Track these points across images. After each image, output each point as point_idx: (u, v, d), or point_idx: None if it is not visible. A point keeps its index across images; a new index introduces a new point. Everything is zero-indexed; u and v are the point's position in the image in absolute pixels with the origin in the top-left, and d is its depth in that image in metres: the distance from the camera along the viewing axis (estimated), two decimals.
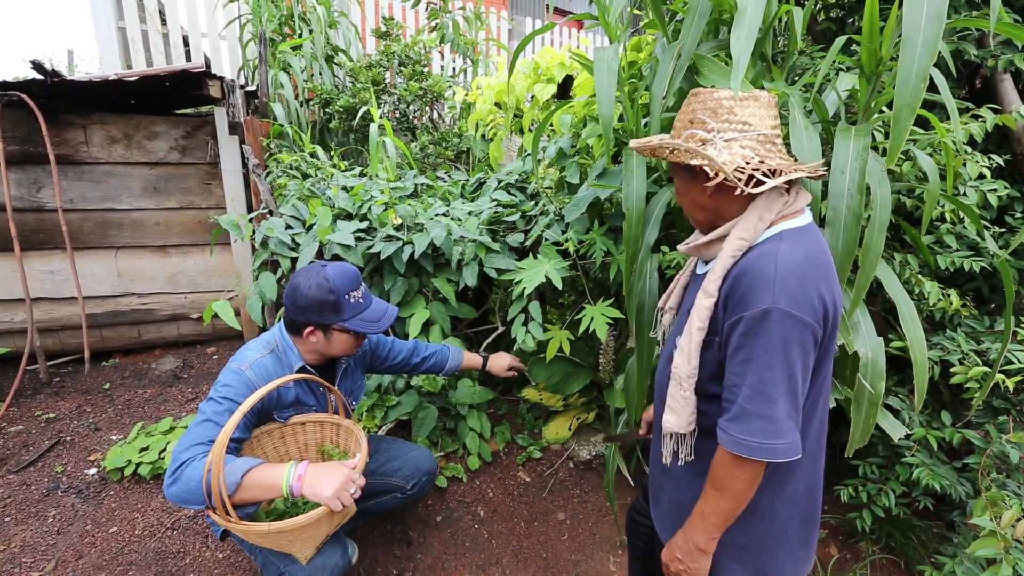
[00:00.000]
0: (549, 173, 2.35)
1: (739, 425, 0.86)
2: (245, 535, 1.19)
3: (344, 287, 1.37)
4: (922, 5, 0.94)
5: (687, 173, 0.98)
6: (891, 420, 1.40)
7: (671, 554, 1.00)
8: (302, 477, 1.21)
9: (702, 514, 0.94)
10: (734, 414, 0.87)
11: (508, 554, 1.89)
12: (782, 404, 0.84)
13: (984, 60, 1.68)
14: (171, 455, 1.21)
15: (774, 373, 0.83)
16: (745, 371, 0.85)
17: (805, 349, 0.85)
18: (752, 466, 0.87)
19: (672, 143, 0.95)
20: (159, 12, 3.99)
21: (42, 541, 1.86)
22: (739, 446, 0.85)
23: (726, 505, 0.91)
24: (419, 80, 3.76)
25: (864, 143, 1.11)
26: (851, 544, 1.90)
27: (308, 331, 1.39)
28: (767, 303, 0.83)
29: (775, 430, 0.84)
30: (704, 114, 0.94)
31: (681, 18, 1.59)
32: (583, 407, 2.39)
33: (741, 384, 0.86)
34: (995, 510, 1.30)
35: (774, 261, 0.85)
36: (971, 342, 1.55)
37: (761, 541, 0.97)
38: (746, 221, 0.91)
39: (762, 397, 0.84)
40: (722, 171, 0.88)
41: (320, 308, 1.35)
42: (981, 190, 1.55)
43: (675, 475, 1.06)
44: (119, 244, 2.86)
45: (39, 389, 2.70)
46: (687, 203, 1.03)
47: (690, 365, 0.94)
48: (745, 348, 0.85)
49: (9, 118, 2.53)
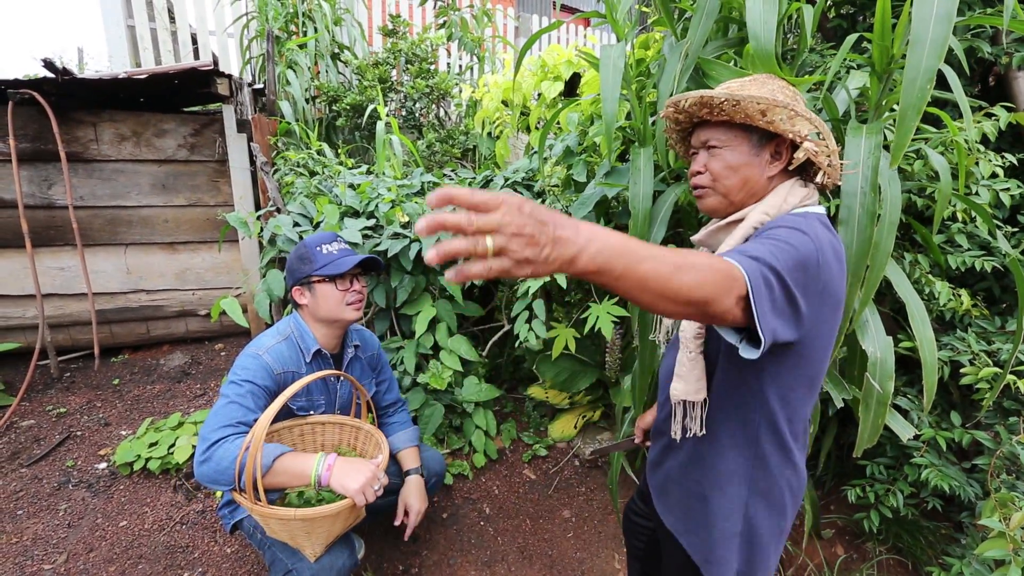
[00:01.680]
0: (556, 171, 2.34)
1: (752, 263, 0.73)
2: (266, 520, 1.22)
3: (315, 241, 1.47)
4: (932, 4, 0.94)
5: (756, 147, 0.93)
6: (900, 420, 1.39)
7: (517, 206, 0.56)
8: (331, 468, 1.24)
9: (624, 236, 0.62)
10: (755, 255, 0.75)
11: (513, 551, 1.90)
12: (783, 275, 0.74)
13: (998, 57, 1.66)
14: (199, 436, 1.25)
15: (788, 252, 0.76)
16: (765, 244, 0.78)
17: (810, 274, 0.78)
18: (723, 285, 0.68)
19: (778, 100, 0.87)
20: (168, 10, 4.01)
21: (53, 534, 1.89)
22: (748, 278, 0.70)
23: (656, 268, 0.61)
24: (426, 78, 3.77)
25: (876, 141, 1.10)
26: (857, 544, 1.90)
27: (297, 293, 1.49)
28: (791, 225, 0.82)
29: (770, 284, 0.73)
30: (787, 98, 0.91)
31: (689, 16, 1.59)
32: (589, 405, 2.39)
33: (762, 248, 0.77)
34: (1004, 511, 1.29)
35: (804, 219, 0.85)
36: (982, 342, 1.54)
37: (762, 560, 0.98)
38: (771, 199, 0.91)
39: (772, 259, 0.74)
40: (832, 151, 0.89)
41: (299, 264, 1.46)
42: (994, 189, 1.53)
43: (681, 454, 1.06)
44: (128, 241, 2.88)
45: (50, 384, 2.73)
46: (736, 180, 0.93)
47: (696, 324, 0.92)
48: (762, 239, 0.81)
49: (21, 116, 2.55)
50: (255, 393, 1.33)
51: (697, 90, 0.99)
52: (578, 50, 1.92)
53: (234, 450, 1.20)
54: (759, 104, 0.88)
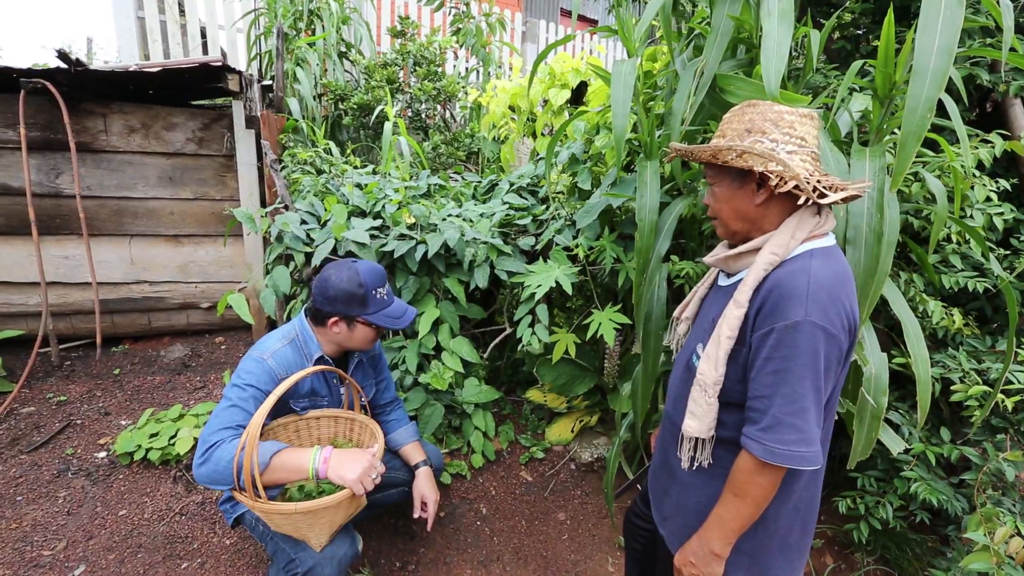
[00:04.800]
0: (561, 178, 2.38)
1: (773, 434, 0.88)
2: (268, 515, 1.24)
3: (372, 283, 1.45)
4: (934, 37, 0.98)
5: (736, 180, 0.99)
6: (891, 434, 1.43)
7: (685, 558, 1.03)
8: (327, 460, 1.26)
9: (720, 519, 0.96)
10: (767, 424, 0.89)
11: (509, 551, 1.93)
12: (812, 413, 0.87)
13: (995, 85, 1.71)
14: (199, 438, 1.27)
15: (805, 384, 0.86)
16: (777, 382, 0.88)
17: (830, 362, 0.88)
18: (775, 473, 0.90)
19: (742, 146, 0.94)
20: (178, 3, 4.02)
21: (52, 521, 1.90)
22: (773, 455, 0.88)
23: (747, 511, 0.93)
24: (433, 80, 3.80)
25: (880, 163, 1.15)
26: (846, 555, 1.94)
27: (333, 321, 1.46)
28: (799, 315, 0.86)
29: (806, 439, 0.87)
30: (766, 124, 0.95)
31: (698, 33, 1.63)
32: (586, 410, 2.42)
33: (773, 395, 0.88)
34: (989, 526, 1.33)
35: (807, 276, 0.88)
36: (972, 361, 1.58)
37: (765, 549, 1.01)
38: (779, 237, 0.94)
39: (795, 407, 0.87)
40: (796, 179, 0.89)
41: (348, 300, 1.42)
42: (988, 213, 1.58)
43: (681, 479, 1.09)
44: (133, 232, 2.90)
45: (50, 372, 2.73)
46: (728, 211, 1.02)
47: (717, 372, 0.96)
48: (776, 359, 0.88)
49: (32, 105, 2.57)
50: (257, 397, 1.34)
51: (673, 143, 1.14)
52: (588, 62, 1.96)
53: (231, 450, 1.22)
54: (706, 151, 0.99)
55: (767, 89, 1.13)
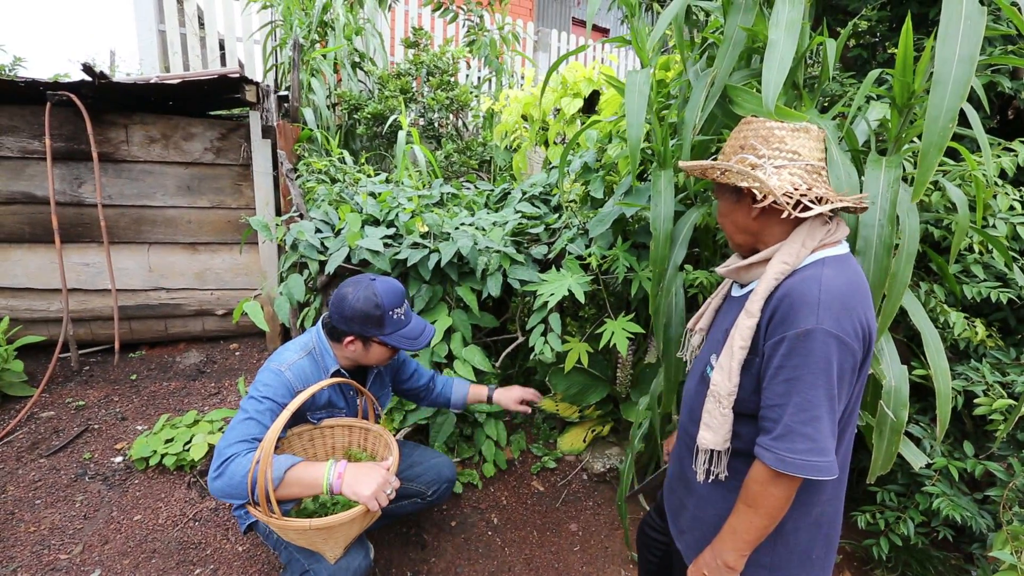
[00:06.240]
0: (574, 187, 2.38)
1: (784, 443, 0.87)
2: (284, 530, 1.24)
3: (390, 303, 1.43)
4: (955, 46, 0.96)
5: (733, 195, 1.02)
6: (912, 448, 1.40)
7: (698, 570, 1.02)
8: (342, 476, 1.25)
9: (734, 531, 0.95)
10: (779, 432, 0.88)
11: (520, 562, 1.91)
12: (826, 422, 0.86)
13: (1017, 92, 1.68)
14: (215, 451, 1.27)
15: (818, 392, 0.85)
16: (789, 390, 0.87)
17: (844, 371, 0.87)
18: (789, 483, 0.89)
19: (723, 165, 0.98)
20: (198, 16, 4.12)
21: (70, 525, 1.93)
22: (784, 463, 0.87)
23: (760, 522, 0.92)
24: (446, 90, 3.84)
25: (895, 174, 1.13)
26: (866, 571, 1.89)
27: (349, 340, 1.45)
28: (811, 323, 0.85)
29: (819, 448, 0.86)
30: (756, 140, 0.98)
31: (711, 43, 1.63)
32: (599, 420, 2.41)
33: (785, 404, 0.88)
34: (1016, 544, 1.29)
35: (818, 284, 0.88)
36: (996, 373, 1.54)
37: (786, 563, 0.99)
38: (789, 247, 0.94)
39: (807, 415, 0.86)
40: (771, 194, 0.91)
41: (365, 320, 1.41)
42: (1011, 222, 1.55)
43: (698, 491, 1.08)
44: (152, 240, 2.95)
45: (70, 377, 2.78)
46: (729, 225, 1.06)
47: (731, 383, 0.95)
48: (788, 368, 0.87)
49: (57, 116, 2.64)
50: (273, 410, 1.34)
51: (686, 161, 1.20)
52: (601, 71, 1.97)
53: (246, 464, 1.22)
54: (696, 169, 1.04)
55: (764, 103, 1.12)
